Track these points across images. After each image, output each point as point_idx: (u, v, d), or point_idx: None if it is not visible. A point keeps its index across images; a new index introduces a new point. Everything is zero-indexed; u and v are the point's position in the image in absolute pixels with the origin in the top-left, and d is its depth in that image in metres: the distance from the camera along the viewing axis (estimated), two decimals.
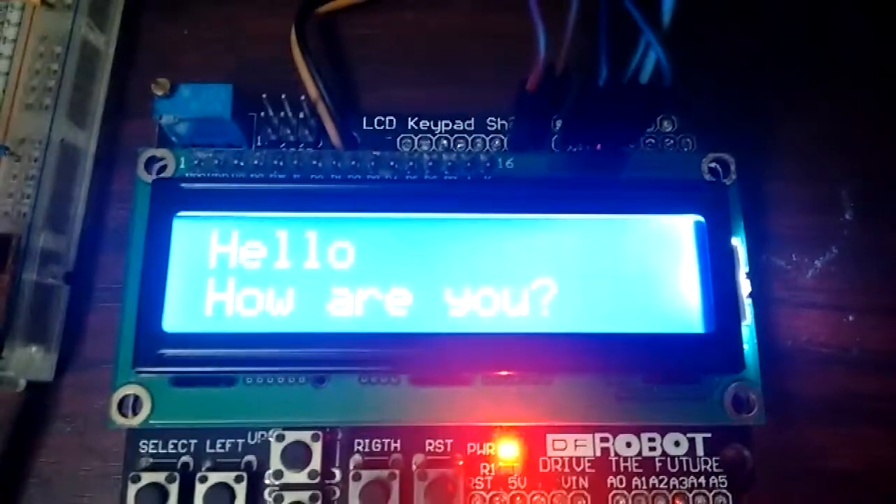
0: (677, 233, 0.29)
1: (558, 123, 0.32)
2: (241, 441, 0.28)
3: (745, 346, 0.28)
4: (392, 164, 0.30)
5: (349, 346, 0.27)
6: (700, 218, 0.29)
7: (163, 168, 0.30)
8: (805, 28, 0.35)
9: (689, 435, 0.29)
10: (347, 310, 0.28)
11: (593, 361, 0.28)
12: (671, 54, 0.23)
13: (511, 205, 0.29)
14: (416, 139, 0.32)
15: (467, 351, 0.27)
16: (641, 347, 0.28)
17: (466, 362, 0.27)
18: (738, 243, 0.29)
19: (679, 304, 0.28)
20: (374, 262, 0.28)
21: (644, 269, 0.29)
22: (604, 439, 0.29)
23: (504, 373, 0.28)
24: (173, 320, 0.27)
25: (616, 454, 0.29)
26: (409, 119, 0.32)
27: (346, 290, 0.28)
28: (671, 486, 0.29)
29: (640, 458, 0.29)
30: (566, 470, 0.29)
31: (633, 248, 0.29)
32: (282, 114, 0.31)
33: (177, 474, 0.27)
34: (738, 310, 0.28)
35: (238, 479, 0.27)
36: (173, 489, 0.27)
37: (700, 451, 0.29)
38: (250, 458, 0.28)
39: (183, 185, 0.28)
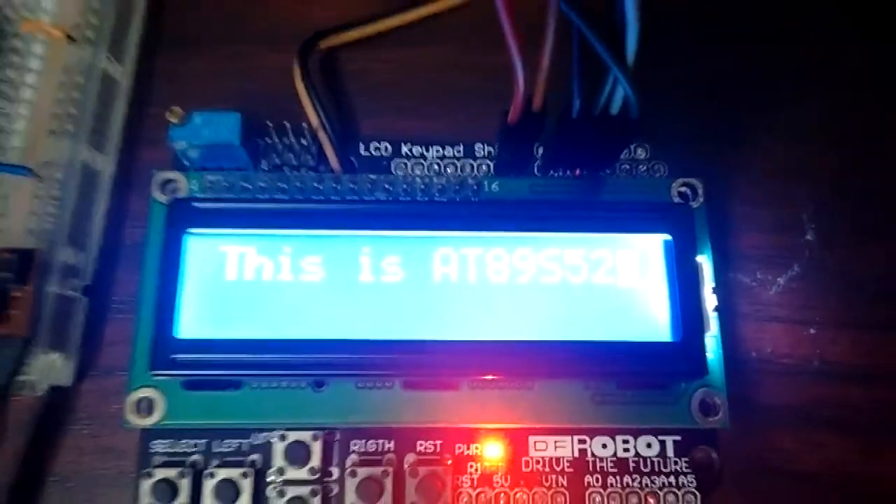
0: (648, 250, 0.31)
1: (540, 150, 0.34)
2: (246, 441, 0.30)
3: (711, 356, 0.30)
4: (387, 186, 0.32)
5: (347, 352, 0.29)
6: (668, 237, 0.31)
7: (175, 190, 0.32)
8: (769, 57, 0.37)
9: (661, 437, 0.31)
10: (345, 318, 0.30)
11: (572, 367, 0.30)
12: (636, 88, 0.25)
13: (496, 224, 0.31)
14: (409, 164, 0.34)
15: (455, 357, 0.29)
16: (616, 354, 0.30)
17: (454, 367, 0.29)
18: (704, 260, 0.31)
19: (649, 315, 0.31)
20: (369, 276, 0.31)
21: (618, 282, 0.31)
22: (581, 441, 0.31)
23: (489, 377, 0.30)
24: (185, 328, 0.29)
25: (593, 455, 0.31)
26: (403, 145, 0.34)
27: (344, 300, 0.30)
28: (643, 485, 0.30)
29: (615, 458, 0.31)
30: (547, 469, 0.30)
31: (608, 264, 0.31)
32: (285, 140, 0.33)
33: (187, 471, 0.29)
34: (703, 321, 0.30)
35: (244, 476, 0.29)
36: (184, 485, 0.29)
37: (670, 452, 0.31)
38: (255, 456, 0.30)
39: (196, 204, 0.31)
